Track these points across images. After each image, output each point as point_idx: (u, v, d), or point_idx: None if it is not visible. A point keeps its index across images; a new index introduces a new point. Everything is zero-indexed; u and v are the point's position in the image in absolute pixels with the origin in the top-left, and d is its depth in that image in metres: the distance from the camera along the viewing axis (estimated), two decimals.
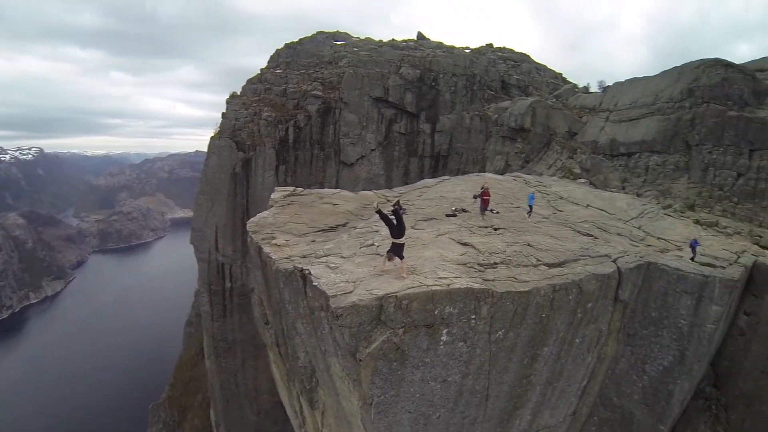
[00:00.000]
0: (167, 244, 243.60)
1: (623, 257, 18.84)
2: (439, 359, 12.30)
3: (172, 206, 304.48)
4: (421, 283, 12.08)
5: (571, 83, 74.41)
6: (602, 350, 18.70)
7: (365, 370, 11.38)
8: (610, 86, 51.16)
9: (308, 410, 19.94)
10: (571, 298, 15.14)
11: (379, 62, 64.31)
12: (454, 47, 76.29)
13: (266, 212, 22.27)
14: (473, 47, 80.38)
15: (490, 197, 21.85)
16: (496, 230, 19.77)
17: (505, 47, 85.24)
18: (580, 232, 22.15)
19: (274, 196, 24.93)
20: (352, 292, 11.73)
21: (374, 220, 20.55)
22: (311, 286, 13.07)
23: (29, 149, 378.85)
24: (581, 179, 39.02)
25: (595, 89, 63.28)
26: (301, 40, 77.88)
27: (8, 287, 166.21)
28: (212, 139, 58.43)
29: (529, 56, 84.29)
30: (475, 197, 22.74)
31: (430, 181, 32.53)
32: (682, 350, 18.85)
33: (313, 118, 60.59)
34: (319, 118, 60.95)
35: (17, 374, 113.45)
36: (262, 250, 17.60)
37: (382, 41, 75.67)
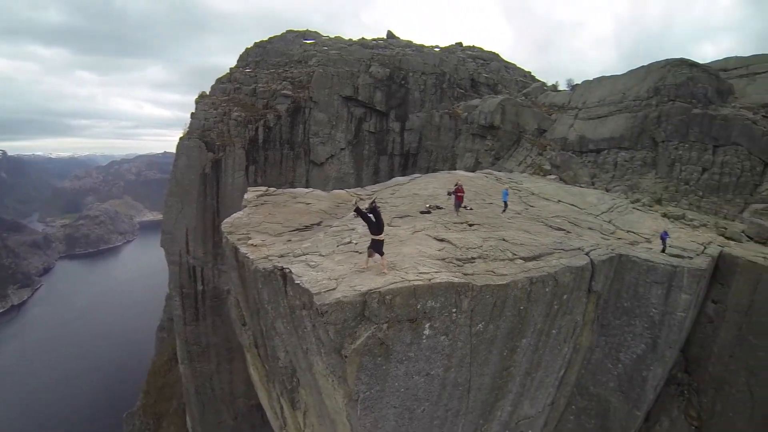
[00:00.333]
0: (136, 248, 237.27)
1: (595, 250, 19.36)
2: (422, 353, 12.41)
3: (140, 209, 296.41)
4: (402, 278, 12.17)
5: (540, 81, 75.81)
6: (578, 341, 19.18)
7: (351, 366, 11.39)
8: (578, 84, 52.25)
9: (289, 411, 19.83)
10: (547, 290, 15.49)
11: (348, 61, 64.34)
12: (423, 46, 76.94)
13: (240, 212, 22.14)
14: (443, 46, 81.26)
15: (464, 194, 22.14)
16: (471, 226, 20.05)
17: (474, 46, 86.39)
18: (552, 226, 22.67)
19: (247, 196, 24.78)
20: (335, 289, 11.73)
21: (349, 218, 20.60)
22: (292, 284, 13.02)
23: None
24: (551, 175, 39.81)
25: (563, 87, 64.49)
26: (270, 39, 77.29)
27: None
28: (181, 139, 57.46)
29: (498, 55, 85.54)
30: (449, 194, 23.00)
31: (401, 179, 32.73)
32: (654, 338, 19.49)
33: (282, 117, 60.27)
34: (288, 117, 60.66)
35: None
36: (238, 250, 17.46)
37: (351, 40, 75.72)
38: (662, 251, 20.87)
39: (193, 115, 60.54)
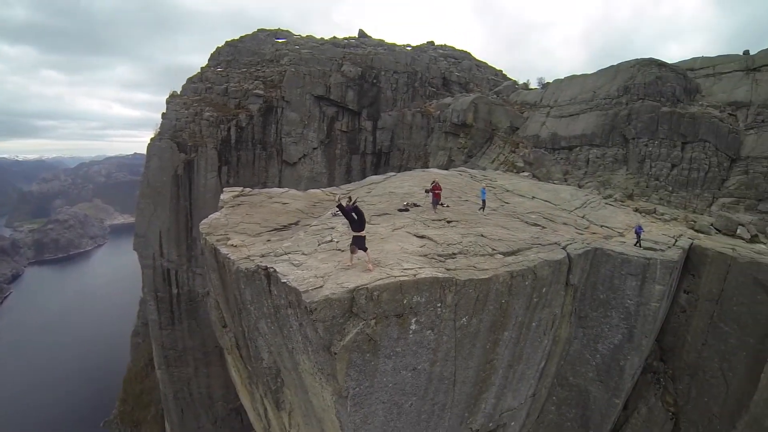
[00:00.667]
0: (108, 252, 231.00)
1: (571, 244, 19.85)
2: (409, 348, 12.56)
3: (111, 212, 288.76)
4: (388, 274, 12.29)
5: (511, 80, 76.92)
6: (557, 333, 19.62)
7: (340, 363, 11.45)
8: (549, 83, 53.21)
9: (274, 412, 19.72)
10: (527, 283, 15.82)
11: (320, 60, 64.20)
12: (395, 45, 77.21)
13: (218, 213, 21.99)
14: (414, 45, 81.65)
15: (441, 191, 22.40)
16: (449, 223, 20.30)
17: (446, 45, 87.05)
18: (528, 222, 23.14)
19: (223, 196, 24.63)
20: (322, 286, 11.77)
21: (327, 217, 20.65)
22: (277, 284, 12.99)
23: None
24: (524, 172, 40.45)
25: (535, 86, 65.60)
26: (242, 38, 76.43)
27: None
28: (152, 140, 56.51)
29: (470, 53, 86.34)
30: (426, 191, 23.22)
31: (376, 177, 32.87)
32: (630, 328, 20.11)
33: (254, 117, 59.86)
34: (260, 117, 60.27)
35: None
36: (218, 251, 17.32)
37: (323, 39, 75.52)
38: (636, 244, 21.49)
39: (164, 115, 59.53)
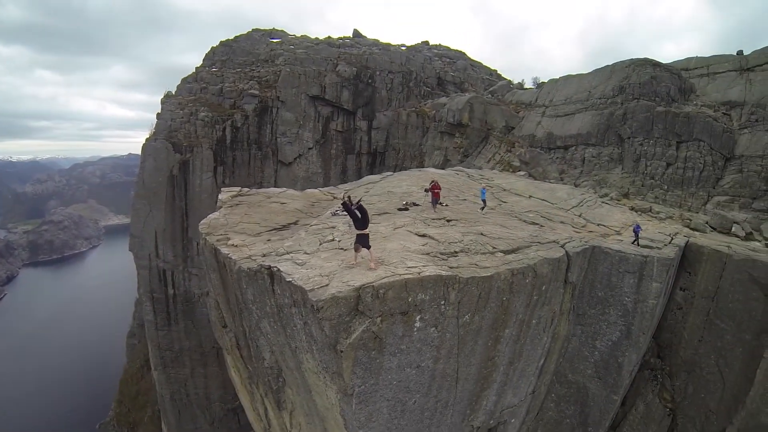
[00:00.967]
0: (103, 252, 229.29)
1: (570, 242, 20.06)
2: (413, 345, 12.68)
3: (105, 213, 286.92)
4: (393, 272, 12.41)
5: (506, 79, 77.12)
6: (556, 330, 19.83)
7: (346, 361, 11.54)
8: (544, 83, 53.40)
9: (274, 412, 19.77)
10: (527, 281, 15.98)
11: (315, 60, 64.27)
12: (390, 44, 77.25)
13: (216, 213, 22.02)
14: (409, 44, 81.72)
15: (440, 190, 22.54)
16: (449, 221, 20.47)
17: (440, 44, 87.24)
18: (526, 221, 23.35)
19: (221, 196, 24.67)
20: (328, 285, 11.86)
21: (326, 216, 20.74)
22: (281, 283, 13.08)
23: None
24: (521, 172, 40.68)
25: (529, 85, 65.77)
26: (236, 37, 76.29)
27: None
28: (148, 140, 56.33)
29: (464, 53, 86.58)
30: (426, 191, 23.37)
31: (374, 177, 33.02)
32: (628, 325, 20.34)
33: (250, 117, 59.81)
34: (256, 117, 60.24)
35: None
36: (218, 251, 17.36)
37: (318, 39, 75.55)
38: (634, 242, 21.68)
39: (158, 115, 59.35)
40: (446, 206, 23.28)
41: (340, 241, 16.01)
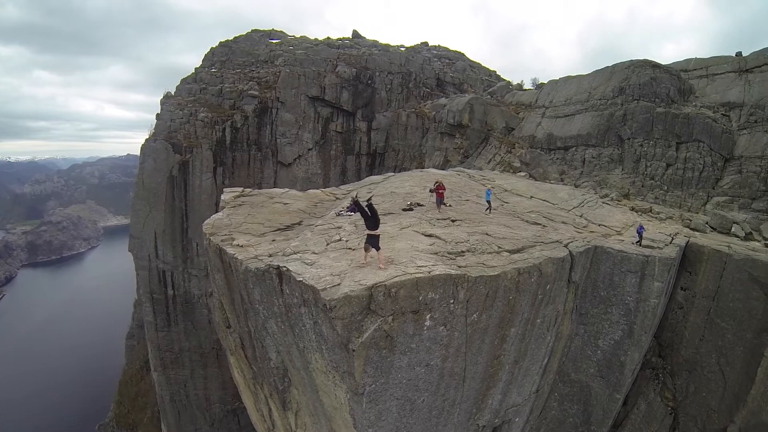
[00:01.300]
0: (101, 253, 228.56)
1: (573, 242, 20.20)
2: (423, 344, 12.81)
3: (104, 213, 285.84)
4: (404, 271, 12.53)
5: (505, 80, 77.35)
6: (559, 329, 19.98)
7: (358, 359, 11.63)
8: (544, 84, 53.55)
9: (279, 412, 19.76)
10: (533, 280, 16.12)
11: (315, 61, 64.46)
12: (389, 45, 77.47)
13: (220, 213, 22.05)
14: (408, 45, 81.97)
15: (445, 191, 22.65)
16: (453, 222, 20.57)
17: (440, 45, 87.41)
18: (528, 221, 23.46)
19: (224, 197, 24.68)
20: (340, 284, 11.95)
21: (331, 217, 20.82)
22: (290, 282, 13.14)
23: None
24: (521, 172, 40.84)
25: (529, 86, 65.93)
26: (236, 38, 76.45)
27: None
28: (147, 141, 56.41)
29: (463, 54, 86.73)
30: (431, 191, 23.49)
31: (376, 177, 33.10)
32: (630, 324, 20.51)
33: (249, 118, 59.94)
34: (255, 118, 60.37)
35: None
36: (224, 251, 17.36)
37: (317, 40, 75.74)
38: (637, 243, 21.81)
39: (158, 116, 59.46)
40: (450, 206, 23.40)
41: (347, 241, 16.11)
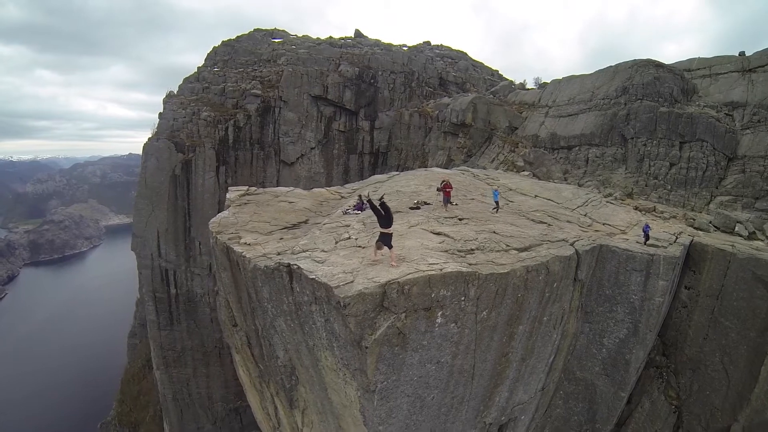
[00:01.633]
0: (103, 252, 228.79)
1: (578, 241, 20.34)
2: (434, 341, 12.92)
3: (106, 212, 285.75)
4: (416, 269, 12.63)
5: (507, 80, 77.40)
6: (565, 327, 20.10)
7: (371, 357, 11.71)
8: (547, 83, 53.60)
9: (285, 410, 19.83)
10: (541, 278, 16.25)
11: (317, 60, 64.58)
12: (392, 45, 77.62)
13: (226, 212, 22.14)
14: (411, 45, 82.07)
15: (452, 189, 22.74)
16: (461, 220, 20.65)
17: (442, 45, 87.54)
18: (534, 220, 23.54)
19: (229, 195, 24.76)
20: (353, 281, 12.05)
21: (337, 215, 20.92)
22: (301, 280, 13.21)
23: None
24: (525, 172, 40.85)
25: (531, 86, 66.02)
26: (238, 37, 76.65)
27: None
28: (150, 140, 56.61)
29: (466, 53, 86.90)
30: (438, 190, 23.58)
31: (380, 176, 33.18)
32: (635, 323, 20.61)
33: (252, 117, 60.15)
34: (258, 117, 60.57)
35: None
36: (231, 249, 17.42)
37: (320, 39, 75.86)
38: (644, 242, 21.83)
39: (161, 115, 59.62)
40: (456, 205, 23.51)
41: (356, 239, 16.20)
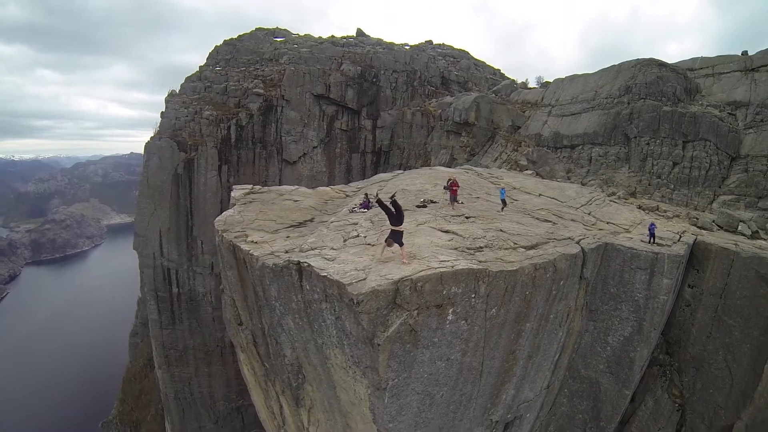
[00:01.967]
0: (105, 251, 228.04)
1: (584, 239, 20.44)
2: (445, 338, 13.00)
3: (108, 212, 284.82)
4: (428, 266, 12.72)
5: (509, 79, 77.34)
6: (570, 325, 20.21)
7: (383, 354, 11.76)
8: (549, 82, 53.58)
9: (291, 409, 19.82)
10: (548, 276, 16.35)
11: (320, 59, 64.48)
12: (394, 44, 77.44)
13: (231, 210, 22.18)
14: (413, 44, 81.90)
15: (458, 188, 22.83)
16: (468, 218, 20.76)
17: (444, 44, 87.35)
18: (539, 218, 23.63)
19: (234, 194, 24.80)
20: (365, 279, 12.09)
21: (343, 213, 20.98)
22: (312, 278, 13.22)
23: None
24: (528, 170, 40.90)
25: (533, 85, 65.93)
26: (240, 36, 76.52)
27: None
28: (152, 139, 56.57)
29: (468, 52, 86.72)
30: (444, 188, 23.68)
31: (385, 175, 33.31)
32: (639, 321, 20.71)
33: (254, 116, 60.09)
34: (260, 116, 60.48)
35: None
36: (238, 248, 17.41)
37: (322, 38, 75.73)
38: (651, 242, 21.86)
39: (163, 114, 59.60)
40: (462, 204, 23.59)
41: (365, 237, 16.25)
